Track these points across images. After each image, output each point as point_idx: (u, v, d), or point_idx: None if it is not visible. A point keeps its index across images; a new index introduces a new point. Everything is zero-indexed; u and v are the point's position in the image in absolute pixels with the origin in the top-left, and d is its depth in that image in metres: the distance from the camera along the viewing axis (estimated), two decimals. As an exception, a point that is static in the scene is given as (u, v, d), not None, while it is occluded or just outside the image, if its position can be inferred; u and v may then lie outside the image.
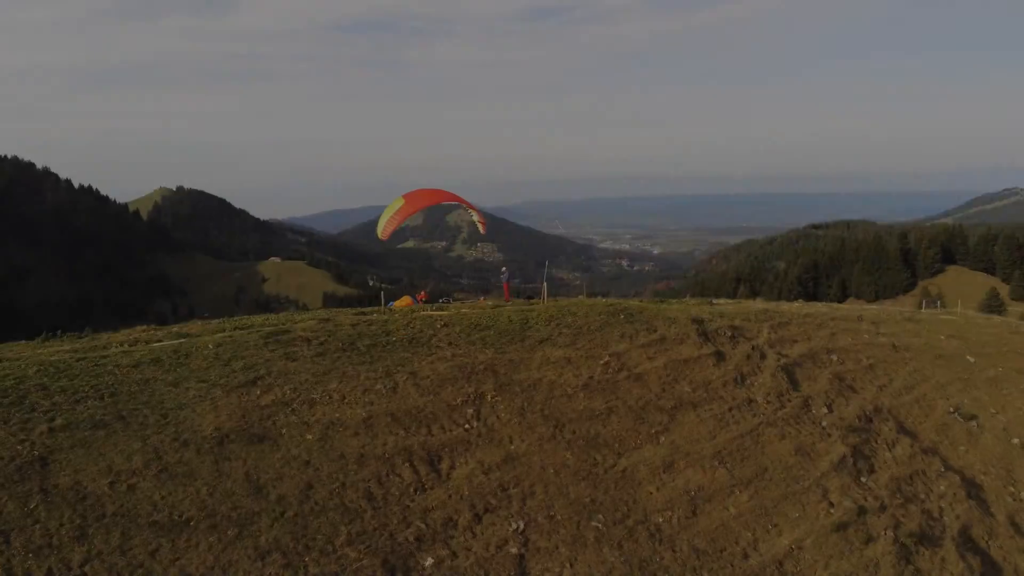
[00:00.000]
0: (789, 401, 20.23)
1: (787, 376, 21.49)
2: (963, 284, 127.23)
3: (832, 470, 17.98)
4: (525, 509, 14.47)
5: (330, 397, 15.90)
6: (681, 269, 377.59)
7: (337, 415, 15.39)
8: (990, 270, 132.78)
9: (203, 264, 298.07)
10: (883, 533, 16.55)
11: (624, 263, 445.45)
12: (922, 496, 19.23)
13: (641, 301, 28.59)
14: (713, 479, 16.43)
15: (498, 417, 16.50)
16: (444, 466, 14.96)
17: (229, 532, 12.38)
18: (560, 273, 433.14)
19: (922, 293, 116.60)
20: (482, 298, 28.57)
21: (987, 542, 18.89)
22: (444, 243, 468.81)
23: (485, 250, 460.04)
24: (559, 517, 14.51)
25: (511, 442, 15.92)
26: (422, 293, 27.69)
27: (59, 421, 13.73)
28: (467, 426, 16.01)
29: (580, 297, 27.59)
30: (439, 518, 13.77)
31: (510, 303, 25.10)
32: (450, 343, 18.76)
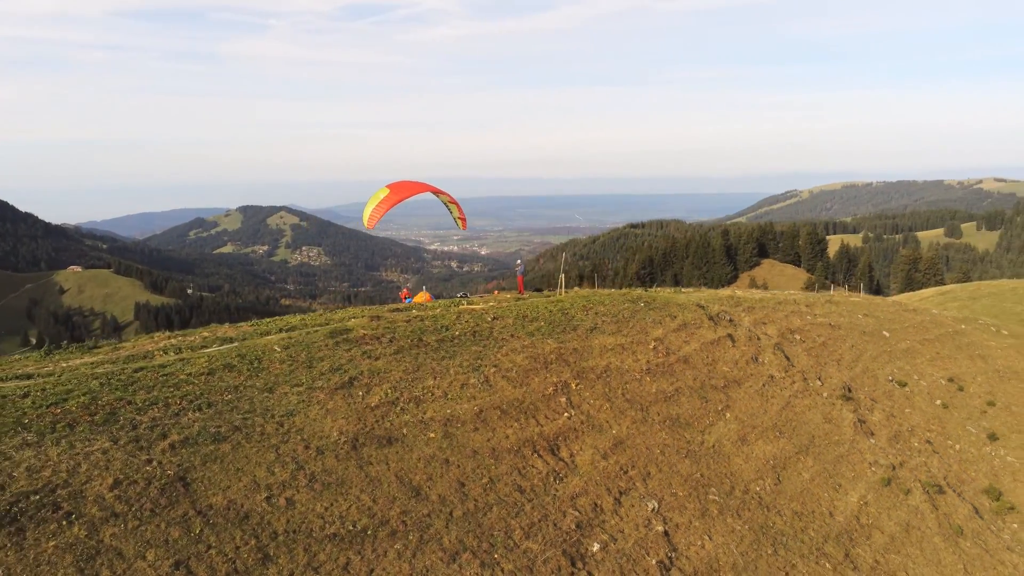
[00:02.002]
0: (794, 376, 22.18)
1: (782, 354, 23.50)
2: (776, 275, 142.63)
3: (855, 434, 20.05)
4: (650, 489, 14.89)
5: (432, 394, 15.29)
6: (509, 269, 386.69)
7: (448, 411, 14.86)
8: (796, 262, 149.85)
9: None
10: (912, 485, 18.79)
11: (454, 264, 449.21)
12: (907, 451, 21.92)
13: (646, 290, 29.70)
14: (780, 449, 17.78)
15: (589, 404, 16.73)
16: (564, 454, 14.98)
17: (411, 537, 11.70)
18: (390, 275, 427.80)
19: (749, 284, 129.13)
20: (496, 291, 28.17)
21: (959, 488, 21.92)
22: (266, 247, 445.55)
23: (311, 254, 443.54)
24: (680, 493, 15.09)
25: (611, 427, 16.24)
26: (404, 291, 26.83)
27: (175, 436, 12.16)
28: (567, 414, 16.09)
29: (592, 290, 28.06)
30: (586, 504, 13.83)
31: (526, 295, 25.13)
32: (512, 335, 18.61)
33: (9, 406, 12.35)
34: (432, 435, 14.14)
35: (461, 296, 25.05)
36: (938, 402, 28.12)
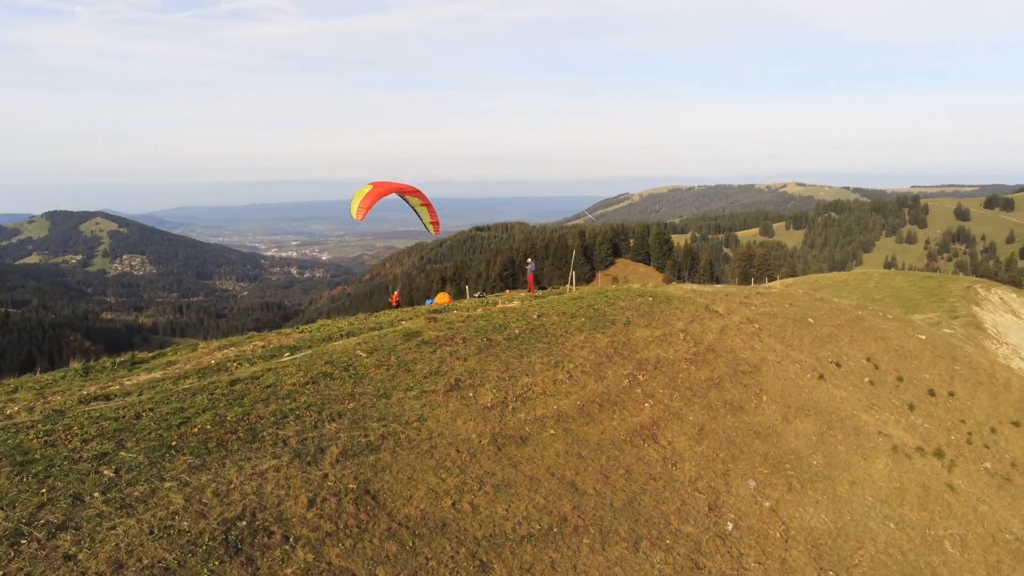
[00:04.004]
0: (784, 361, 24.03)
1: (764, 340, 25.34)
2: (631, 272, 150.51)
3: (853, 409, 22.10)
4: (742, 469, 15.72)
5: (533, 391, 15.15)
6: (354, 274, 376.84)
7: (555, 407, 14.81)
8: (646, 261, 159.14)
9: None
10: (910, 451, 21.06)
11: (294, 271, 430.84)
12: (884, 423, 24.43)
13: (644, 286, 30.45)
14: (814, 425, 19.31)
15: (661, 393, 17.28)
16: (664, 442, 15.43)
17: (592, 531, 11.71)
18: (225, 284, 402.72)
19: (611, 282, 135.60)
20: (507, 291, 27.62)
21: (921, 452, 24.75)
22: (80, 256, 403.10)
23: (133, 263, 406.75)
24: (765, 471, 16.05)
25: (687, 414, 16.89)
26: (396, 294, 25.80)
27: (334, 450, 11.31)
28: (647, 404, 16.55)
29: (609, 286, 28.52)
30: (705, 487, 14.40)
31: (538, 293, 25.04)
32: (565, 331, 18.72)
33: (137, 429, 10.92)
34: (552, 431, 14.08)
35: (479, 296, 24.70)
36: (866, 379, 31.32)
